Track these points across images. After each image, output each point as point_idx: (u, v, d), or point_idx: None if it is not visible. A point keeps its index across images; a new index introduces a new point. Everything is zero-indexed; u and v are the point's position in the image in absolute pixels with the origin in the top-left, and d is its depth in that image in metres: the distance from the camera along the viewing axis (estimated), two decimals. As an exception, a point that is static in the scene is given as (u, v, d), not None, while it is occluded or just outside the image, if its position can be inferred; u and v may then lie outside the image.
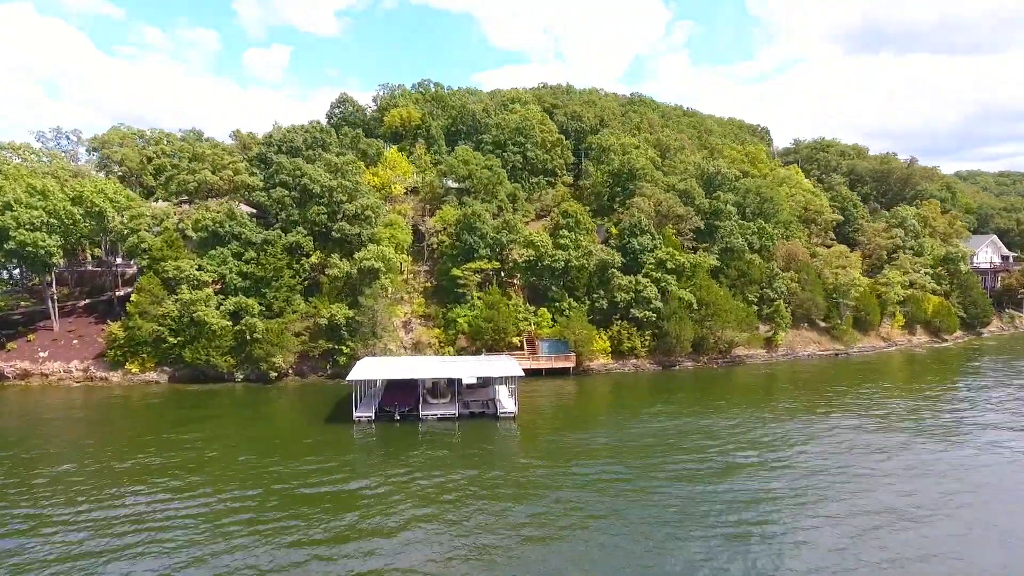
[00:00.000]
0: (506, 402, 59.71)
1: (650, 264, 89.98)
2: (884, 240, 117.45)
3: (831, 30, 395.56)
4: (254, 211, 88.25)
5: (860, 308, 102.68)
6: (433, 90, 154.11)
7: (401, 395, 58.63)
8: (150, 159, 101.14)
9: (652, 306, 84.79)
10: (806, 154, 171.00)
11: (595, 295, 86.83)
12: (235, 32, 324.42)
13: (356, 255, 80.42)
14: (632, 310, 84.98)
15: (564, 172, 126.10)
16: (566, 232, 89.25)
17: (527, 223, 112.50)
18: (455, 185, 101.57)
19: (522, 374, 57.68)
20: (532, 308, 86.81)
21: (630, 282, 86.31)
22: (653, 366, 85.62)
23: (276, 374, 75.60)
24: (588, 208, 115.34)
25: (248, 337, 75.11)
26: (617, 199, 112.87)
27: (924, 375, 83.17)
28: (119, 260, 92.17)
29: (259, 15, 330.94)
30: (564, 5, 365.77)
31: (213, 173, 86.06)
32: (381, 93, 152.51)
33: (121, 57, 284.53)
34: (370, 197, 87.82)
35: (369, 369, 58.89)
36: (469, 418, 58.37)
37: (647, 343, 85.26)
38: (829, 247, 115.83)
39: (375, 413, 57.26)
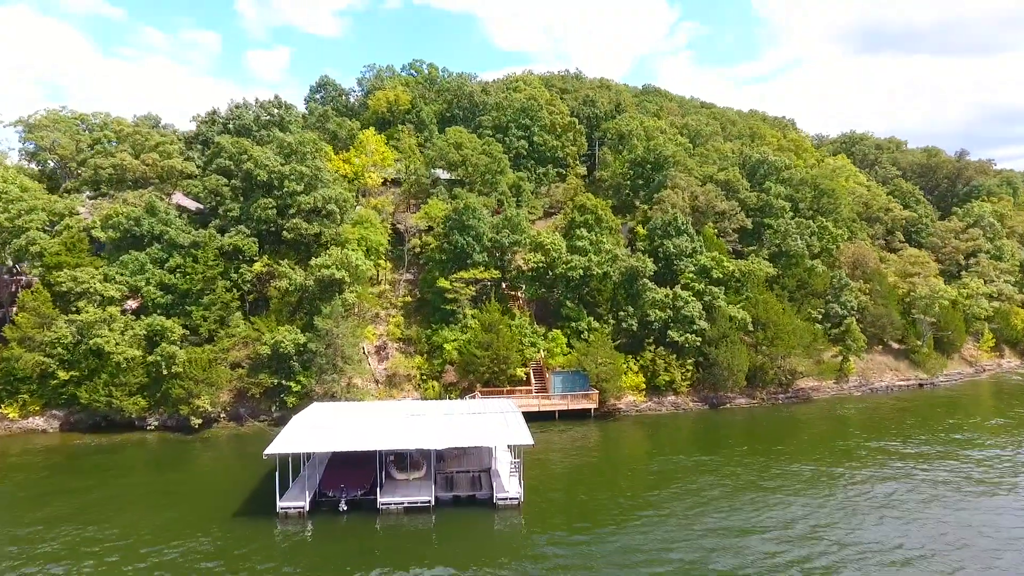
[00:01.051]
0: (506, 481, 40.83)
1: (690, 273, 71.08)
2: (962, 243, 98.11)
3: (833, 31, 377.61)
4: (202, 207, 69.81)
5: (942, 326, 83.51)
6: (427, 71, 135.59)
7: (351, 472, 39.77)
8: (91, 145, 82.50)
9: (695, 327, 65.88)
10: (835, 149, 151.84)
11: (622, 312, 67.92)
12: (236, 33, 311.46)
13: (313, 262, 61.76)
14: (670, 332, 66.05)
15: (577, 162, 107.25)
16: (583, 232, 70.36)
17: (533, 222, 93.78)
18: (446, 175, 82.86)
19: (530, 441, 38.78)
20: (541, 330, 67.92)
21: (666, 296, 67.42)
22: (697, 404, 66.58)
23: (201, 420, 56.80)
24: (607, 204, 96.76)
25: (165, 371, 56.45)
26: (641, 193, 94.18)
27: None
28: (20, 267, 73.53)
29: (260, 16, 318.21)
30: (566, 5, 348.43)
31: (136, 157, 67.41)
32: (367, 75, 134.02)
33: (122, 58, 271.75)
34: (336, 188, 69.12)
35: (302, 435, 39.86)
36: (452, 506, 39.50)
37: (689, 375, 66.32)
38: (896, 251, 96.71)
39: (311, 500, 38.48)
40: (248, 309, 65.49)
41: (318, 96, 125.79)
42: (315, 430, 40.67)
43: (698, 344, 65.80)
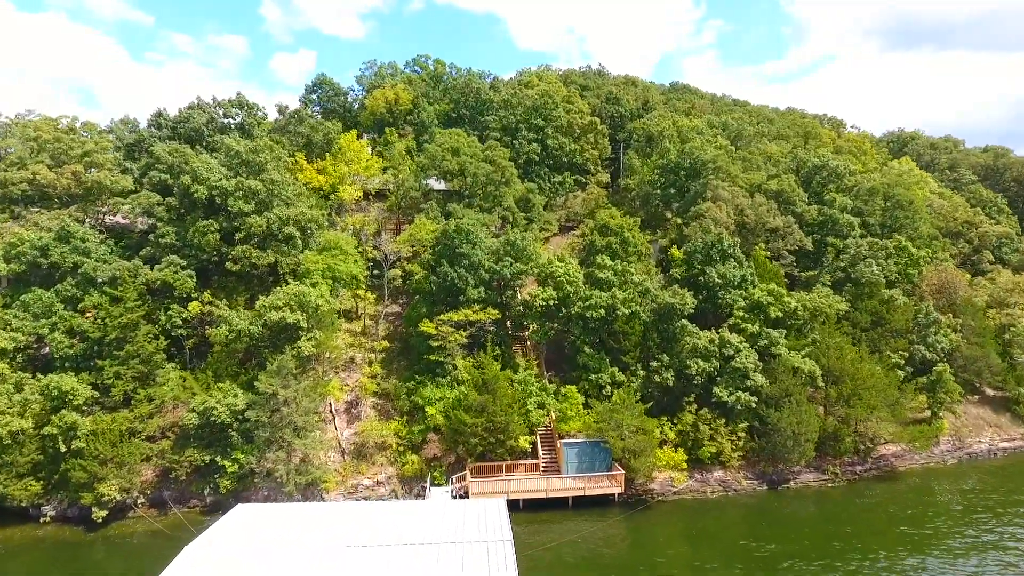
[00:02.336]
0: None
1: (740, 310, 56.51)
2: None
3: (864, 26, 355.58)
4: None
5: (1050, 369, 67.51)
6: (432, 68, 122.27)
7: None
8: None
9: (749, 383, 51.37)
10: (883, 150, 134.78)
11: (654, 362, 53.65)
12: (262, 37, 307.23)
13: (260, 302, 48.66)
14: (716, 389, 51.60)
15: (599, 167, 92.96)
16: (605, 259, 56.11)
17: (547, 239, 79.85)
18: (441, 186, 69.32)
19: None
20: (552, 386, 53.83)
21: (711, 342, 53.00)
22: (752, 482, 51.88)
23: (107, 512, 43.87)
24: (633, 217, 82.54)
25: (63, 447, 43.77)
26: (674, 204, 79.76)
27: None
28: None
29: (286, 20, 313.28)
30: (590, 4, 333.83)
31: (54, 169, 54.96)
32: (366, 73, 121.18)
33: (151, 64, 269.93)
34: (300, 205, 56.08)
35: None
36: None
37: (741, 444, 51.72)
38: (984, 274, 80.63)
39: None
40: (188, 359, 52.68)
41: (314, 96, 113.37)
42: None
43: (752, 405, 51.20)
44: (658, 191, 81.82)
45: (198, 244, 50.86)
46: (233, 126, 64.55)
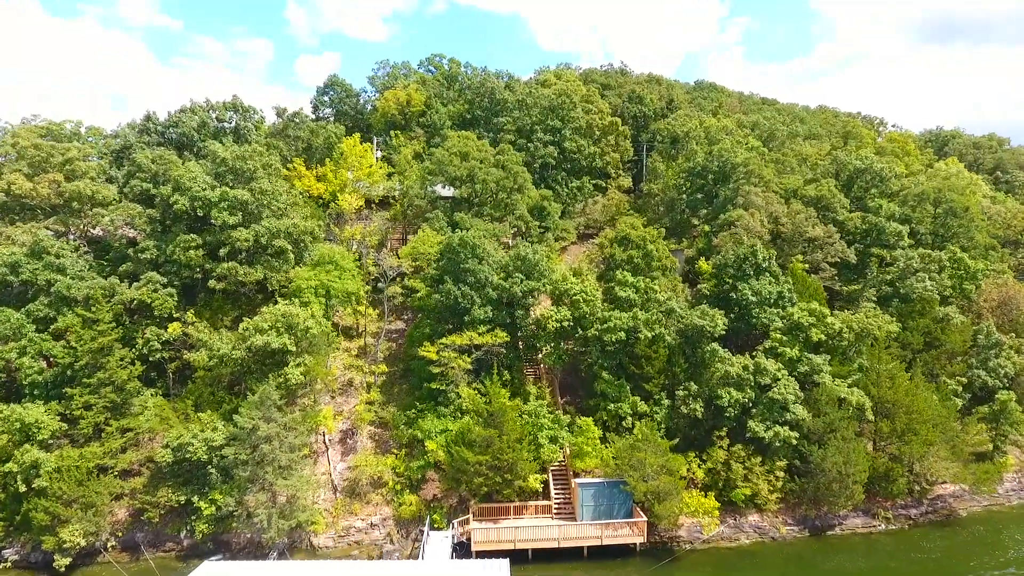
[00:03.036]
0: None
1: (777, 331, 50.68)
2: None
3: (896, 21, 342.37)
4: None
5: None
6: (447, 67, 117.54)
7: None
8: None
9: (789, 416, 45.58)
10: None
11: (681, 391, 48.11)
12: (287, 40, 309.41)
13: (244, 324, 44.21)
14: (751, 423, 45.89)
15: (620, 171, 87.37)
16: (627, 276, 50.61)
17: (564, 248, 74.59)
18: (448, 193, 64.42)
19: None
20: (566, 418, 48.47)
21: (745, 368, 47.29)
22: (792, 528, 46.00)
23: (71, 559, 39.68)
24: (656, 224, 76.87)
25: (24, 486, 39.73)
26: (702, 211, 74.00)
27: None
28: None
29: (310, 23, 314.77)
30: (613, 3, 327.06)
31: (32, 178, 51.18)
32: (379, 73, 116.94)
33: (179, 68, 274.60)
34: (293, 216, 51.67)
35: None
36: None
37: (780, 485, 45.90)
38: (1044, 285, 73.17)
39: None
40: (171, 384, 48.48)
41: (325, 98, 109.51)
42: None
43: (793, 441, 45.37)
44: (684, 196, 76.12)
45: (178, 260, 46.59)
46: (227, 130, 60.39)
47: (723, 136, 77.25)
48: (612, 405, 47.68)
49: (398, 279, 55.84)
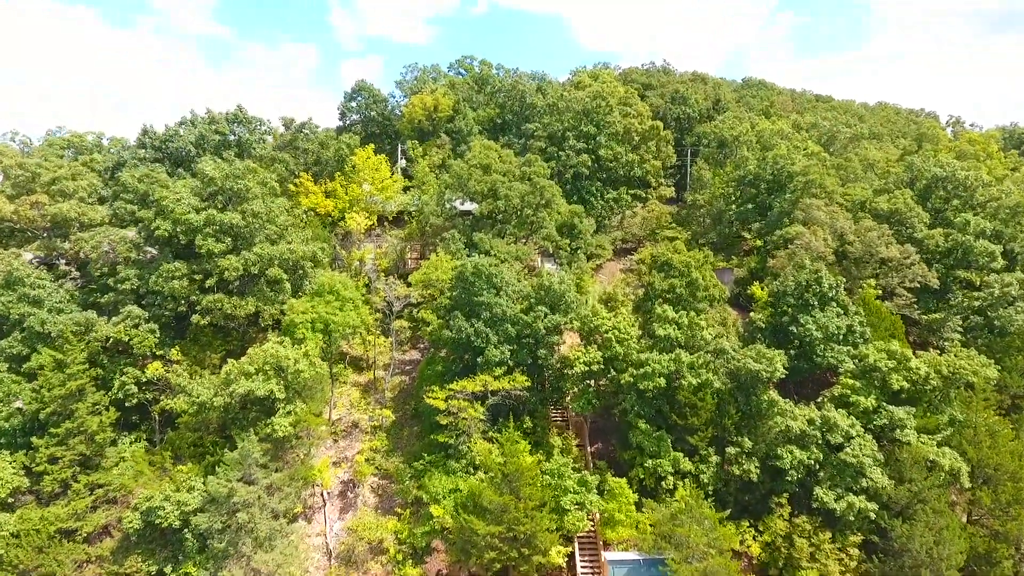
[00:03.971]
0: None
1: (848, 375, 42.88)
2: None
3: (954, 9, 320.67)
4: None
5: None
6: (478, 70, 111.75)
7: None
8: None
9: (866, 482, 37.79)
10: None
11: (731, 448, 40.78)
12: (331, 45, 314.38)
13: (228, 367, 38.96)
14: (818, 490, 38.30)
15: (661, 179, 79.84)
16: (667, 311, 43.37)
17: (598, 267, 67.87)
18: (468, 206, 58.37)
19: None
20: (597, 469, 41.71)
21: (811, 423, 39.71)
22: (868, 618, 38.21)
23: (28, 638, 35.08)
24: (702, 238, 69.38)
25: (-21, 552, 35.31)
26: (753, 224, 66.33)
27: None
28: None
29: (354, 28, 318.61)
30: (657, 0, 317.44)
31: (14, 200, 47.26)
32: (407, 77, 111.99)
33: (229, 74, 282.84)
34: (292, 239, 46.40)
35: None
36: None
37: (854, 566, 38.04)
38: None
39: None
40: (156, 428, 43.69)
41: (352, 104, 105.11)
42: None
43: (871, 514, 37.60)
44: (733, 207, 68.42)
45: (163, 291, 41.73)
46: (231, 144, 55.72)
47: (778, 141, 69.04)
48: (650, 461, 40.63)
49: (406, 310, 49.93)
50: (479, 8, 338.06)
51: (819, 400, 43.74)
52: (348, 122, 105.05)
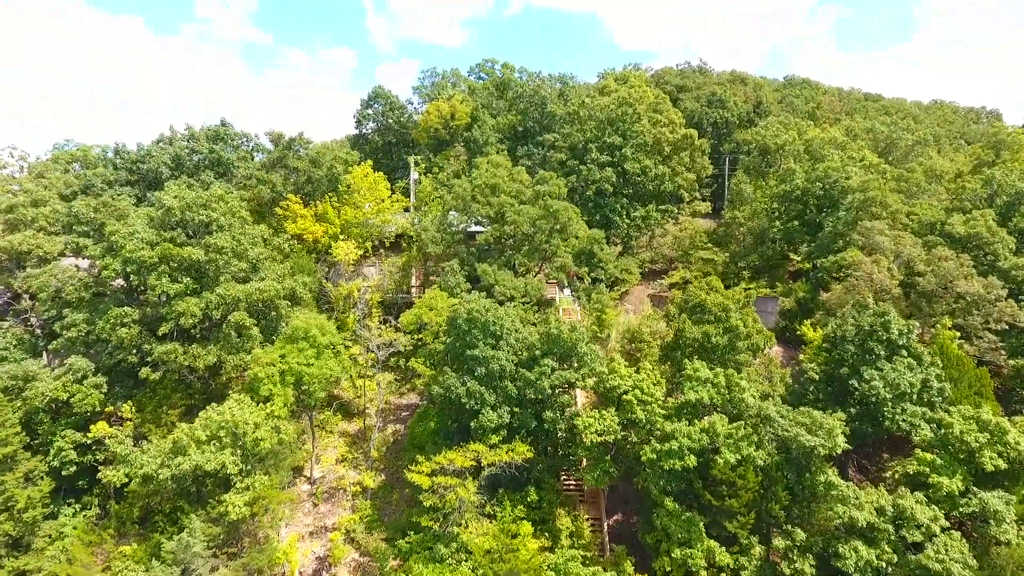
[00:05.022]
0: None
1: (924, 447, 34.89)
2: None
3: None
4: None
5: None
6: (500, 73, 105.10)
7: None
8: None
9: (953, 593, 29.92)
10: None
11: (780, 538, 33.20)
12: (368, 49, 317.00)
13: (176, 433, 33.13)
14: (892, 601, 30.57)
15: (696, 193, 71.99)
16: (700, 367, 35.89)
17: (623, 294, 60.74)
18: (475, 228, 51.69)
19: None
20: (613, 558, 34.58)
21: (879, 513, 31.91)
22: None
23: None
24: (741, 264, 61.52)
25: None
26: (803, 246, 58.42)
27: None
28: None
29: (389, 31, 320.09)
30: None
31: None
32: (425, 83, 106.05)
33: (269, 79, 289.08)
34: (266, 275, 40.48)
35: None
36: None
37: None
38: None
39: None
40: (112, 495, 38.18)
41: (369, 111, 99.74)
42: None
43: (960, 635, 29.69)
44: (777, 224, 60.37)
45: (111, 340, 36.21)
46: (210, 163, 50.24)
47: (829, 151, 60.64)
48: (678, 551, 33.31)
49: (397, 357, 43.46)
50: (513, 8, 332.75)
51: (888, 475, 35.89)
52: (364, 130, 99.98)
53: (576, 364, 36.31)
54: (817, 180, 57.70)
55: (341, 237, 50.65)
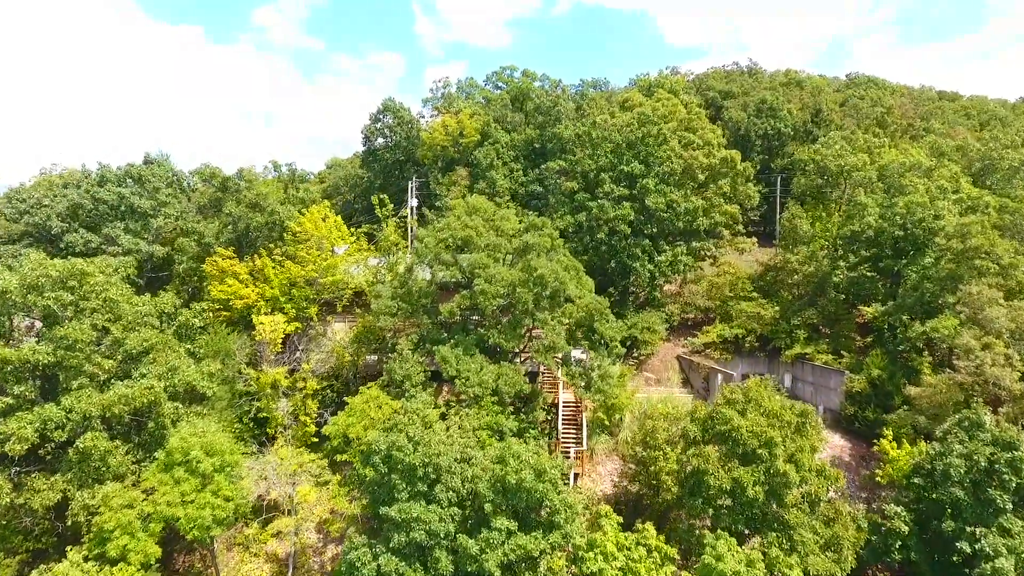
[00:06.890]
0: None
1: None
2: None
3: None
4: None
5: None
6: (519, 82, 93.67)
7: None
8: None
9: None
10: None
11: None
12: (417, 52, 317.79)
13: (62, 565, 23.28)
14: None
15: (738, 228, 58.65)
16: (728, 545, 23.95)
17: (641, 362, 49.04)
18: (448, 278, 40.60)
19: None
20: None
21: None
22: None
23: None
24: (795, 321, 49.07)
25: None
26: (872, 297, 45.49)
27: None
28: None
29: (436, 34, 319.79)
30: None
31: None
32: (436, 94, 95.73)
33: (321, 85, 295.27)
34: (147, 371, 30.60)
35: None
36: None
37: None
38: None
39: None
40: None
41: (378, 126, 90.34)
42: None
43: None
44: (842, 269, 47.43)
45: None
46: (127, 210, 40.79)
47: (913, 181, 47.04)
48: None
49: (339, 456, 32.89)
50: (560, 7, 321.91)
51: None
52: (373, 147, 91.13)
53: (544, 521, 24.86)
54: (897, 218, 44.60)
55: (283, 300, 40.46)
